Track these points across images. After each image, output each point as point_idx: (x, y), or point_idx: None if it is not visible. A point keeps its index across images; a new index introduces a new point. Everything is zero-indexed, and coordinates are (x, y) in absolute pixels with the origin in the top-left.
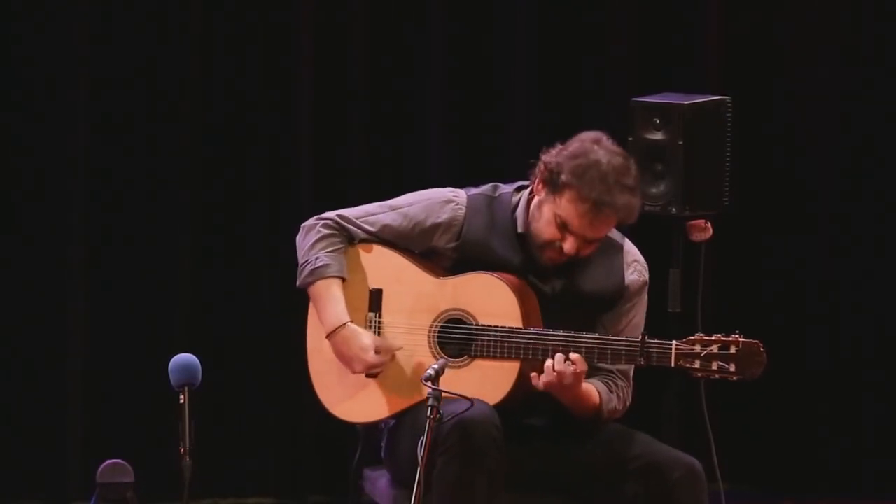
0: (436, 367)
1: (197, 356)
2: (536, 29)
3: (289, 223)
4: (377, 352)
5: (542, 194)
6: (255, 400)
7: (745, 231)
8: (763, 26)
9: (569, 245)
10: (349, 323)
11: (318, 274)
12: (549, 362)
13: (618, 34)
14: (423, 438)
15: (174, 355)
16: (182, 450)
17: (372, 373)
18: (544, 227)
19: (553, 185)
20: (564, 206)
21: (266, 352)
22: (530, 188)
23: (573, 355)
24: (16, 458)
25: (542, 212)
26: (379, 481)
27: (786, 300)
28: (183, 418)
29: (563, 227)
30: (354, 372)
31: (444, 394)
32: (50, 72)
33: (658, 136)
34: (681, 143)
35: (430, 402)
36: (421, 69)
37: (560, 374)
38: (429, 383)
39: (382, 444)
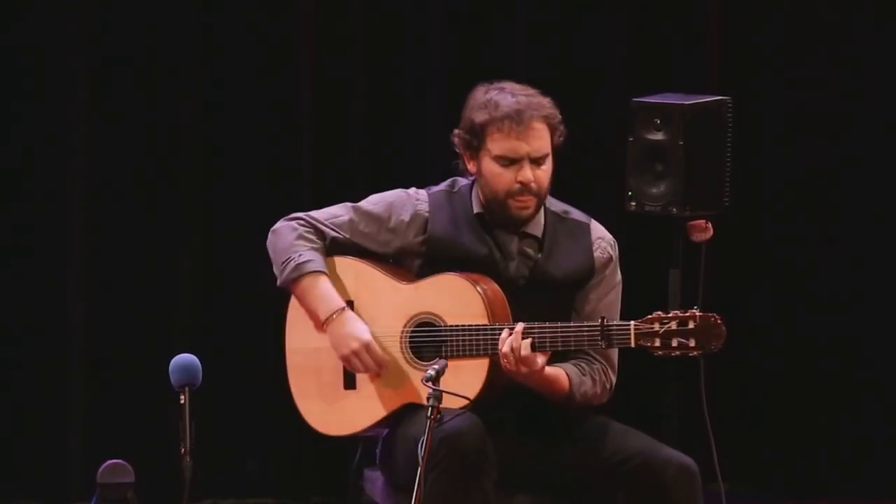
0: (436, 367)
1: (197, 356)
2: (536, 29)
3: None
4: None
5: (473, 161)
6: (254, 400)
7: (745, 231)
8: (763, 26)
9: (524, 173)
10: (347, 308)
11: (303, 269)
12: (505, 349)
13: (618, 34)
14: (424, 439)
15: (174, 355)
16: (182, 450)
17: (358, 372)
18: (495, 179)
19: (473, 140)
20: (493, 143)
21: (265, 352)
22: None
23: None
24: (16, 458)
25: (484, 171)
26: (379, 481)
27: (786, 300)
28: (183, 418)
29: (507, 162)
30: (351, 352)
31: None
32: (50, 70)
33: (658, 136)
34: (681, 143)
35: (431, 402)
36: (420, 69)
37: (520, 359)
38: (429, 383)
39: (377, 451)
